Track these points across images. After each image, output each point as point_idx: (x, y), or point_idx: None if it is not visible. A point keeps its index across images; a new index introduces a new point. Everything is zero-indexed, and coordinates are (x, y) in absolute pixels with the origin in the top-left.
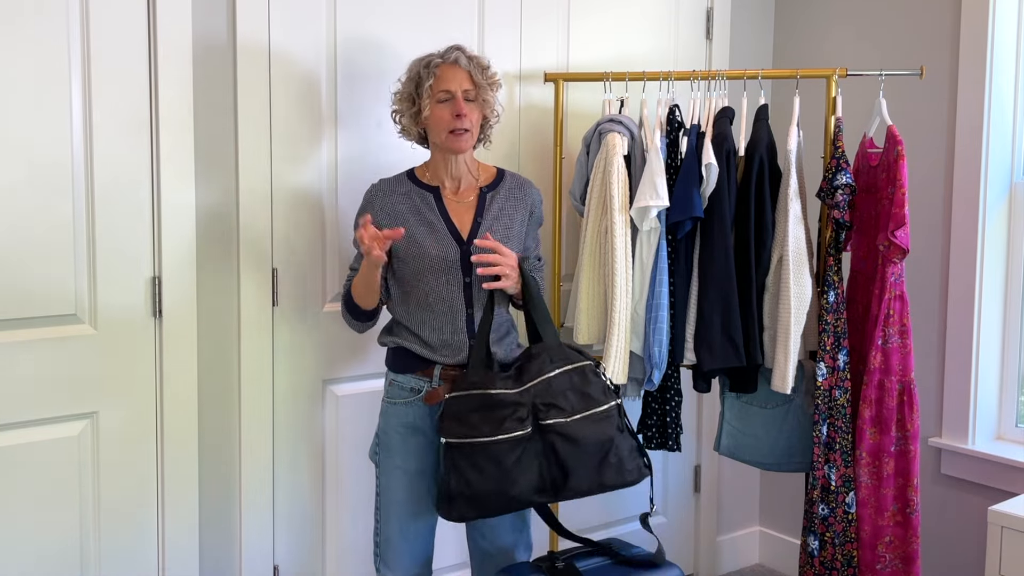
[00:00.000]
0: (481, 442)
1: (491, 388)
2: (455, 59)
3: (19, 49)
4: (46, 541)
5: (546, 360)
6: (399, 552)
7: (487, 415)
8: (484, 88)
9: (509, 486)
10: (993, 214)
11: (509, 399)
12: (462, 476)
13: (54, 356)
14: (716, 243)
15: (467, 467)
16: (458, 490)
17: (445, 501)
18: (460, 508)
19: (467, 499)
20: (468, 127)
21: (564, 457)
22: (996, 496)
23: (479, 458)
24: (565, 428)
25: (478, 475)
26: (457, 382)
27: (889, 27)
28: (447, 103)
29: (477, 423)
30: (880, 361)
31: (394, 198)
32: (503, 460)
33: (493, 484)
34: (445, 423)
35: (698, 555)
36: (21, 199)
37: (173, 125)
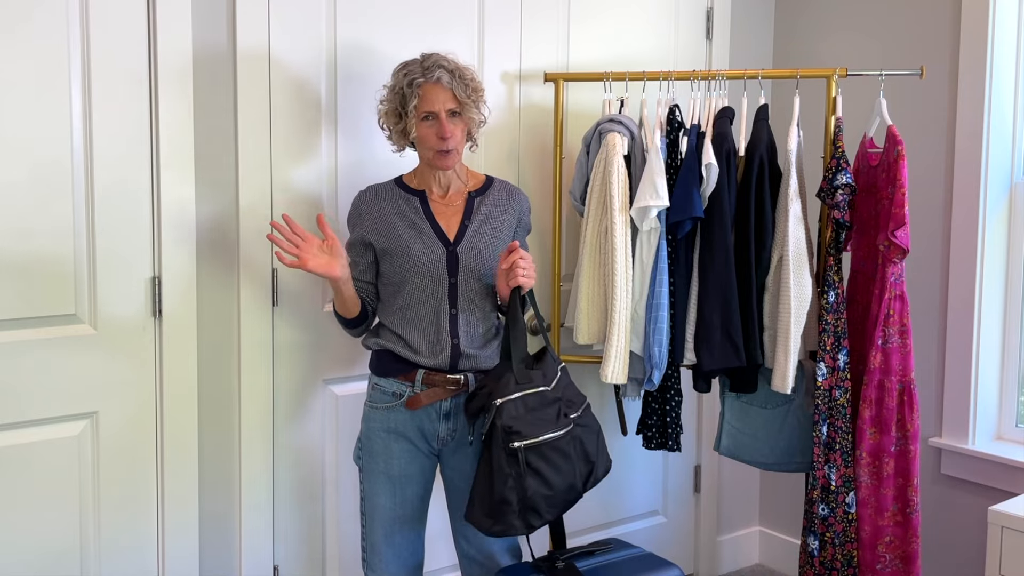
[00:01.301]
0: (551, 438)
1: (539, 385)
2: (437, 78)
3: (20, 52)
4: (46, 541)
5: (551, 358)
6: (385, 558)
7: (544, 413)
8: (468, 105)
9: (575, 479)
10: (993, 214)
11: (553, 395)
12: (541, 478)
13: (54, 356)
14: (716, 243)
15: (545, 467)
16: (540, 493)
17: (521, 513)
18: (544, 513)
19: (548, 501)
20: (453, 146)
21: (588, 447)
22: (996, 496)
23: (553, 455)
24: (583, 420)
25: (555, 473)
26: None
27: (889, 27)
28: (432, 123)
29: (539, 421)
30: (880, 361)
31: (381, 203)
32: (570, 453)
33: (569, 479)
34: (512, 427)
35: (698, 555)
36: (21, 199)
37: (173, 126)
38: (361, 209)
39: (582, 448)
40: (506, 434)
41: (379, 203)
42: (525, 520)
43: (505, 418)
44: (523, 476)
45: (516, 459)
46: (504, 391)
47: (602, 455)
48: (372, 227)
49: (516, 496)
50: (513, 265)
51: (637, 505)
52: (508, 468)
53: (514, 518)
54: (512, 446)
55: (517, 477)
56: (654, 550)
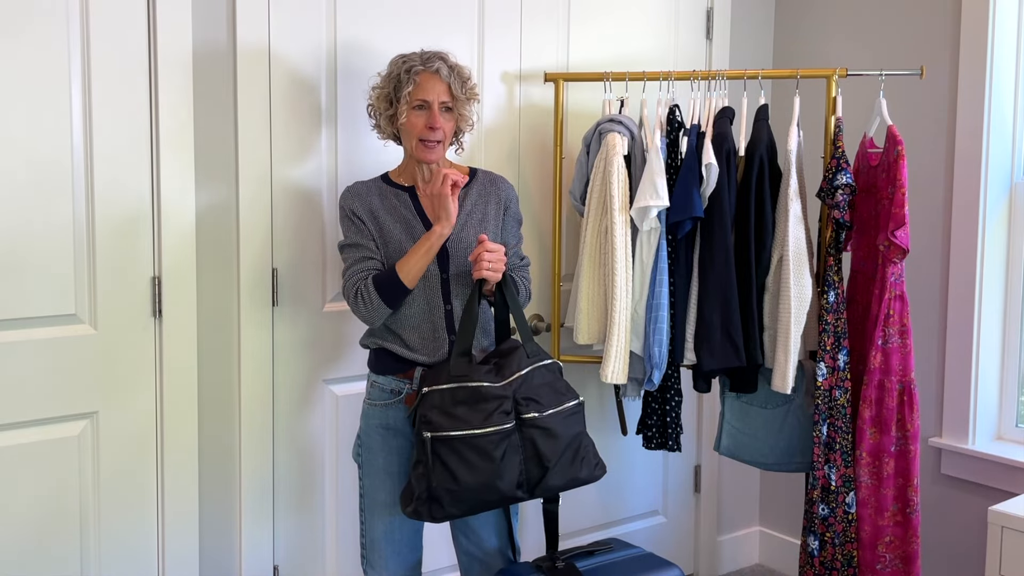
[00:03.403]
0: (470, 435)
1: (476, 380)
2: (436, 69)
3: (20, 51)
4: (46, 541)
5: (523, 355)
6: (384, 554)
7: (473, 408)
8: (462, 101)
9: (496, 479)
10: (993, 214)
11: (494, 392)
12: (448, 471)
13: (54, 356)
14: (716, 243)
15: (455, 462)
16: (444, 487)
17: (427, 501)
18: (447, 507)
19: (453, 496)
20: (440, 139)
21: (543, 451)
22: (996, 496)
23: (467, 452)
24: (544, 422)
25: (466, 469)
26: (435, 375)
27: (889, 27)
28: (422, 112)
29: (464, 416)
30: (880, 361)
31: (370, 197)
32: (492, 453)
33: (481, 478)
34: (428, 416)
35: (698, 555)
36: (21, 199)
37: (173, 126)
38: (353, 201)
39: (533, 450)
40: (420, 422)
41: (368, 197)
42: (429, 510)
43: (425, 407)
44: (430, 467)
45: (425, 447)
46: (435, 380)
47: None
48: (364, 213)
49: (424, 484)
50: (479, 257)
51: (637, 505)
52: (419, 455)
53: (419, 504)
54: (423, 435)
55: (425, 466)
56: (654, 550)
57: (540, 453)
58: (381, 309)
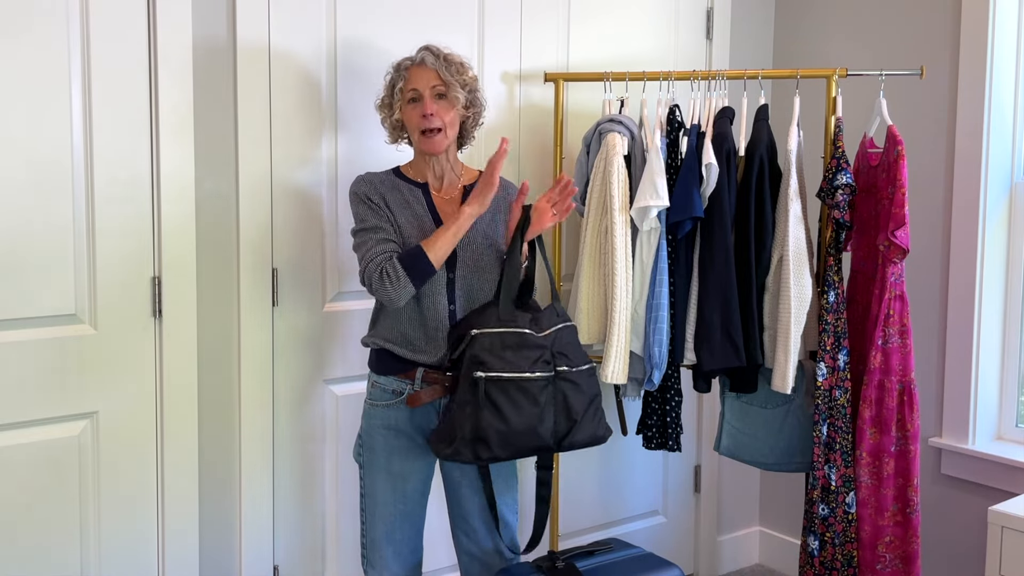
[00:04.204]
0: (521, 377)
1: (524, 328)
2: (421, 59)
3: (19, 50)
4: (46, 541)
5: (553, 313)
6: (385, 555)
7: (520, 353)
8: (453, 85)
9: (539, 424)
10: (993, 214)
11: (537, 341)
12: (498, 412)
13: (54, 356)
14: (716, 243)
15: (505, 402)
16: (493, 427)
17: (471, 442)
18: (494, 448)
19: (501, 437)
20: (438, 126)
21: (572, 405)
22: (996, 496)
23: (516, 394)
24: (575, 377)
25: (515, 411)
26: (481, 318)
27: (889, 27)
28: (416, 103)
29: (513, 359)
30: (880, 361)
31: (383, 188)
32: (538, 398)
33: (529, 421)
34: (480, 357)
35: (698, 555)
36: (21, 199)
37: (173, 125)
38: (367, 189)
39: (564, 403)
40: (471, 363)
41: (381, 188)
42: (474, 450)
43: (476, 348)
44: (480, 406)
45: (476, 388)
46: (483, 324)
47: (592, 421)
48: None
49: (470, 424)
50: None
51: (637, 505)
52: (467, 395)
53: (462, 445)
54: (474, 375)
55: (474, 406)
56: (654, 550)
57: (569, 406)
58: (408, 287)
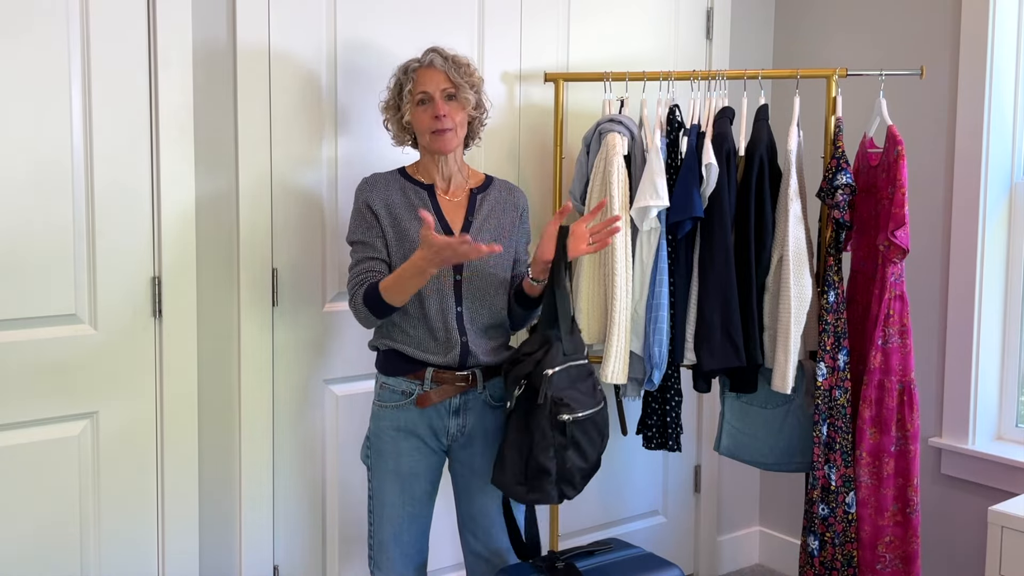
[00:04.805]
0: (594, 413)
1: (581, 359)
2: (430, 61)
3: (20, 51)
4: (46, 541)
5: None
6: (392, 556)
7: (584, 385)
8: (463, 86)
9: (602, 452)
10: (993, 214)
11: (588, 368)
12: (580, 451)
13: (54, 356)
14: (716, 243)
15: (584, 441)
16: (577, 466)
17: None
18: (578, 485)
19: (583, 475)
20: (450, 126)
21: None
22: (996, 496)
23: (591, 430)
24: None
25: (591, 447)
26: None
27: (889, 27)
28: (427, 105)
29: (583, 395)
30: (880, 361)
31: (389, 191)
32: (604, 428)
33: (599, 452)
34: (563, 398)
35: (698, 555)
36: (21, 199)
37: (173, 125)
38: (371, 194)
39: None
40: (555, 405)
41: (387, 190)
42: (560, 490)
43: (555, 389)
44: (566, 448)
45: (563, 431)
46: (553, 361)
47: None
48: (381, 213)
49: (555, 466)
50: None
51: (637, 505)
52: (552, 439)
53: (550, 487)
54: (560, 419)
55: (560, 448)
56: (654, 550)
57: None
58: (371, 320)
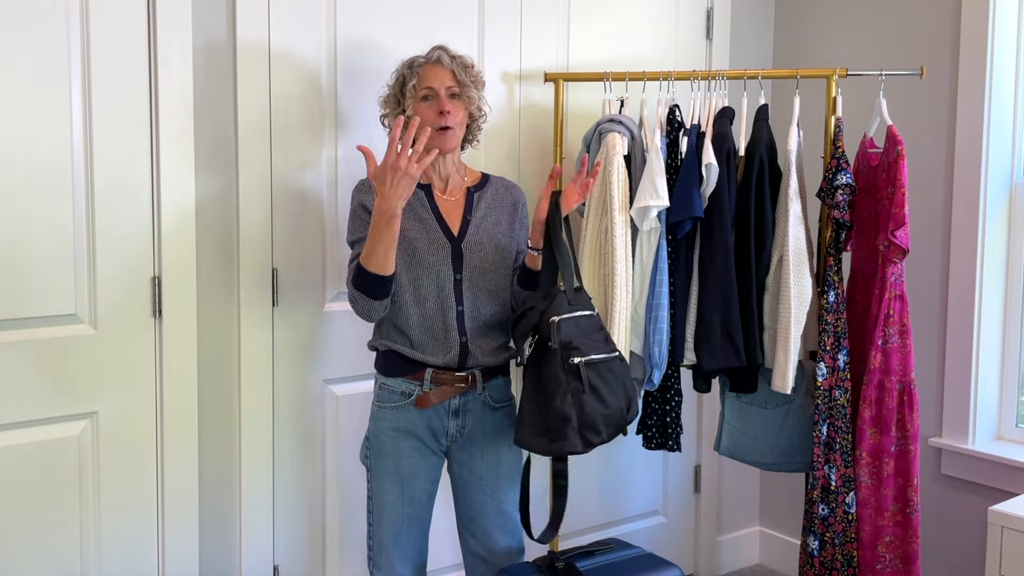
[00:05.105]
0: (608, 358)
1: (590, 309)
2: (437, 58)
3: (19, 50)
4: (46, 541)
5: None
6: (392, 557)
7: (596, 335)
8: (468, 86)
9: (628, 403)
10: (993, 214)
11: (598, 322)
12: (598, 395)
13: (54, 356)
14: (716, 243)
15: (602, 385)
16: (599, 412)
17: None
18: (602, 431)
19: (606, 420)
20: (452, 124)
21: (626, 382)
22: (996, 496)
23: (608, 375)
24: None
25: (610, 392)
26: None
27: (889, 27)
28: (431, 101)
29: (600, 342)
30: (880, 361)
31: None
32: (621, 377)
33: (621, 400)
34: (573, 342)
35: (698, 555)
36: (21, 199)
37: (173, 125)
38: (368, 194)
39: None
40: (565, 349)
41: None
42: (584, 437)
43: (564, 335)
44: (583, 391)
45: (578, 374)
46: (559, 309)
47: (635, 393)
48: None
49: (575, 412)
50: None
51: (637, 505)
52: (568, 384)
53: (573, 435)
54: (572, 362)
55: (577, 392)
56: (654, 550)
57: (624, 382)
58: (369, 304)
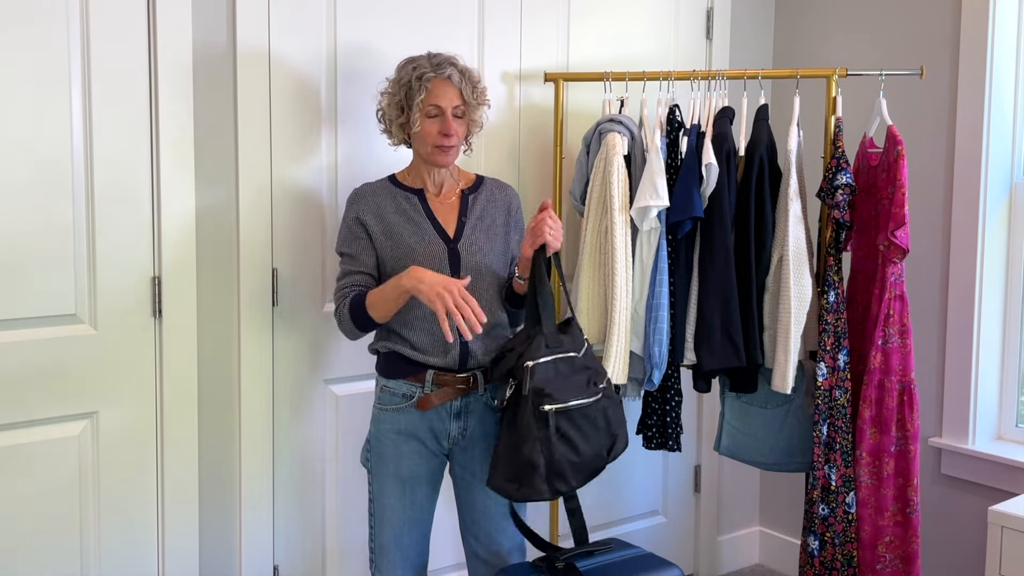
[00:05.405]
0: (583, 404)
1: (571, 351)
2: (448, 75)
3: (20, 52)
4: (46, 541)
5: (577, 328)
6: (393, 559)
7: (574, 379)
8: (473, 107)
9: (601, 447)
10: (993, 214)
11: (583, 363)
12: (570, 444)
13: (54, 356)
14: (716, 243)
15: (574, 433)
16: (568, 460)
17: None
18: (569, 479)
19: (575, 468)
20: (454, 144)
21: (612, 419)
22: (996, 496)
23: (583, 422)
24: (610, 392)
25: (583, 440)
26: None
27: (889, 27)
28: (436, 119)
29: (571, 387)
30: (880, 361)
31: (379, 199)
32: (598, 421)
33: (595, 447)
34: (544, 389)
35: (698, 555)
36: (22, 199)
37: (173, 126)
38: (360, 204)
39: (606, 419)
40: (536, 396)
41: (377, 199)
42: (551, 485)
43: (536, 381)
44: (551, 440)
45: (546, 423)
46: (535, 353)
47: (622, 429)
48: (371, 223)
49: (543, 460)
50: (539, 222)
51: (637, 505)
52: (537, 432)
53: (540, 482)
54: (542, 409)
55: (545, 441)
56: (654, 550)
57: (610, 421)
58: (353, 332)
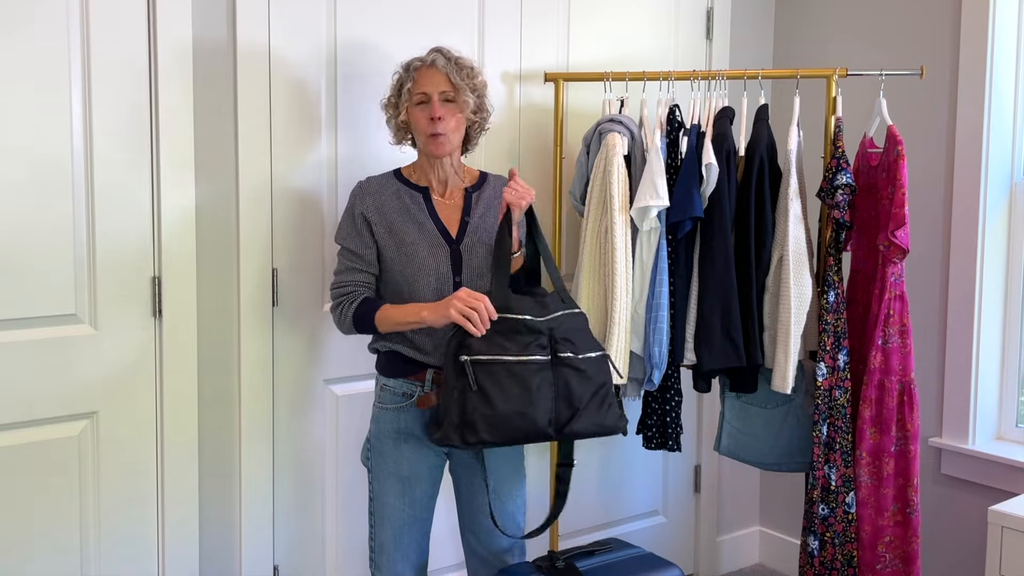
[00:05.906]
0: (509, 361)
1: (518, 313)
2: (432, 61)
3: (20, 52)
4: (46, 541)
5: (558, 299)
6: (392, 558)
7: (513, 338)
8: (463, 89)
9: (530, 409)
10: (993, 214)
11: (535, 326)
12: (485, 396)
13: (54, 356)
14: (716, 243)
15: (492, 387)
16: (480, 412)
17: (459, 427)
18: (480, 432)
19: (487, 421)
20: (443, 130)
21: (575, 392)
22: (996, 496)
23: (504, 378)
24: (578, 363)
25: (502, 396)
26: None
27: (889, 27)
28: (424, 106)
29: (503, 344)
30: (880, 361)
31: (383, 196)
32: (528, 382)
33: (516, 405)
34: (466, 341)
35: (698, 555)
36: (21, 199)
37: (173, 126)
38: (364, 199)
39: (566, 389)
40: (457, 347)
41: (381, 196)
42: (461, 434)
43: (462, 333)
44: (466, 390)
45: (463, 372)
46: None
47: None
48: (374, 220)
49: (457, 408)
50: (505, 190)
51: (637, 505)
52: (454, 381)
53: (451, 430)
54: (460, 360)
55: (460, 390)
56: (654, 550)
57: (572, 393)
58: (350, 331)
